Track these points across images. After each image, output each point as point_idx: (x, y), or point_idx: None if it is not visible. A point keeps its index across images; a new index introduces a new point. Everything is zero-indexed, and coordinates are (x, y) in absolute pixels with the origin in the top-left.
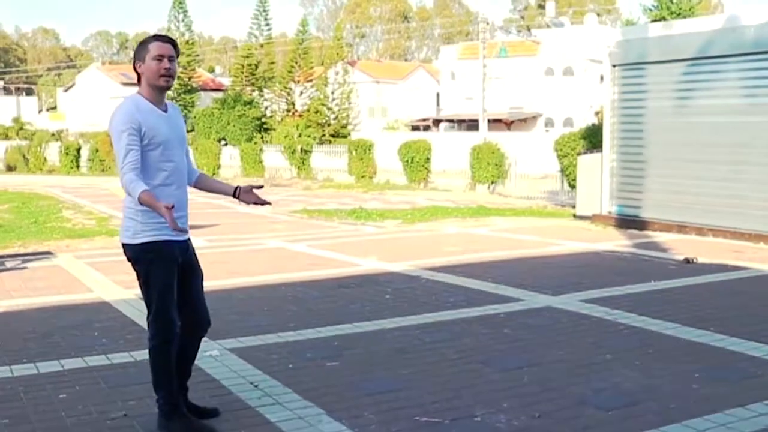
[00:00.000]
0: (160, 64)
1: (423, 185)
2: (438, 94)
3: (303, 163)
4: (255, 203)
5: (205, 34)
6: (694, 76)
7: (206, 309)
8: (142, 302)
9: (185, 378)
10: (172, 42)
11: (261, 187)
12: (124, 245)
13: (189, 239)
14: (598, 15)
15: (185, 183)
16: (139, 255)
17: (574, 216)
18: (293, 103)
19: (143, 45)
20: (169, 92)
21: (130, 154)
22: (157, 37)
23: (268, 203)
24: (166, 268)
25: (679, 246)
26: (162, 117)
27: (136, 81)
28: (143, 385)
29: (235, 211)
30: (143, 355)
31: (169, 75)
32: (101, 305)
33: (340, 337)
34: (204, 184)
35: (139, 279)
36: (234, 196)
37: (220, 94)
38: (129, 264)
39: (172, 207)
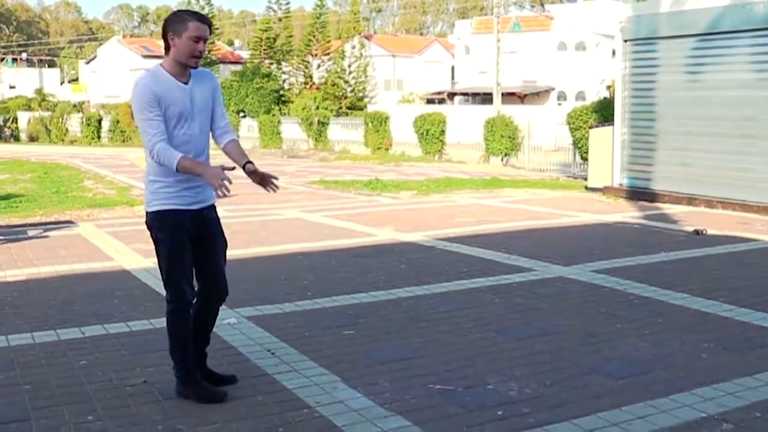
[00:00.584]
0: (196, 46)
1: (438, 157)
2: (453, 68)
3: (320, 134)
4: (261, 183)
5: (224, 8)
6: (704, 51)
7: (225, 279)
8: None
9: (204, 345)
10: (209, 23)
11: (276, 178)
12: (145, 213)
13: (213, 207)
14: None
15: (204, 153)
16: (150, 222)
17: (586, 188)
18: (311, 76)
19: (182, 20)
20: None
21: (154, 126)
22: (198, 16)
23: (275, 187)
24: (172, 237)
25: (689, 218)
26: (181, 89)
27: (163, 49)
28: (162, 352)
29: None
30: (162, 322)
31: (201, 57)
32: (121, 273)
33: (355, 306)
34: (228, 149)
35: (154, 246)
36: (242, 168)
37: (239, 67)
38: (148, 233)
39: (232, 169)
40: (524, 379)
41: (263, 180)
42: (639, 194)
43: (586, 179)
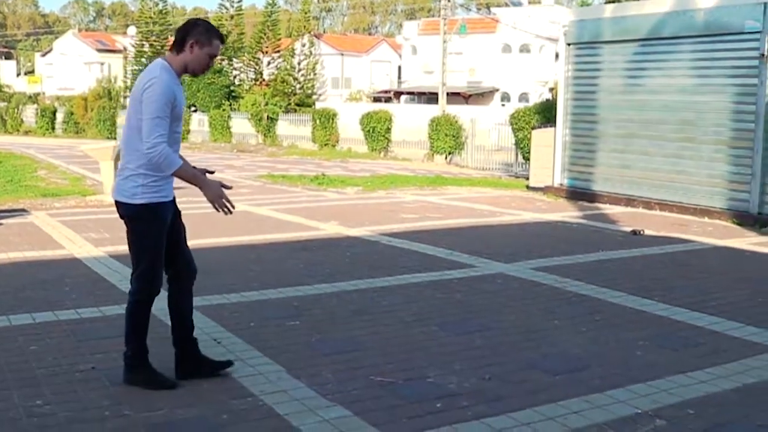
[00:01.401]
0: (210, 62)
1: (383, 154)
2: (400, 68)
3: (269, 130)
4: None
5: (178, 4)
6: (645, 56)
7: (192, 258)
8: (112, 259)
9: (190, 330)
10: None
11: (229, 188)
12: (119, 203)
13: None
14: None
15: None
16: (136, 214)
17: (528, 187)
18: (261, 73)
19: (209, 34)
20: (143, 60)
21: (164, 126)
22: (221, 37)
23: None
24: (160, 228)
25: (627, 218)
26: (181, 90)
27: (171, 46)
28: (111, 340)
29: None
30: (112, 310)
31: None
32: (72, 261)
33: (300, 298)
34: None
35: (129, 236)
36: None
37: None
38: (100, 222)
39: (230, 188)
40: (463, 373)
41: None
42: (579, 194)
43: (527, 179)
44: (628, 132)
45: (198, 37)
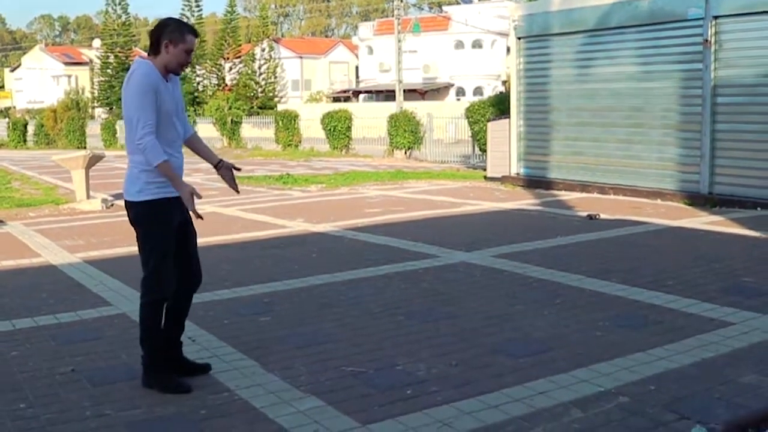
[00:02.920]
0: (187, 57)
1: (345, 152)
2: (357, 68)
3: (233, 133)
4: (228, 183)
5: (140, 15)
6: (593, 46)
7: (199, 264)
8: (86, 265)
9: (180, 332)
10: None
11: (239, 169)
12: (126, 203)
13: None
14: None
15: (182, 149)
16: (140, 213)
17: (485, 178)
18: (223, 78)
19: (180, 31)
20: (108, 71)
21: (148, 114)
22: (193, 30)
23: (237, 191)
24: (165, 227)
25: (583, 204)
26: (167, 88)
27: (149, 50)
28: (89, 342)
29: None
30: (88, 314)
31: (187, 66)
32: (49, 269)
33: (271, 294)
34: (193, 143)
35: (137, 239)
36: (215, 167)
37: None
38: (73, 230)
39: (200, 197)
40: (431, 359)
41: (232, 182)
42: (535, 183)
43: (485, 170)
44: (580, 120)
45: (171, 36)
